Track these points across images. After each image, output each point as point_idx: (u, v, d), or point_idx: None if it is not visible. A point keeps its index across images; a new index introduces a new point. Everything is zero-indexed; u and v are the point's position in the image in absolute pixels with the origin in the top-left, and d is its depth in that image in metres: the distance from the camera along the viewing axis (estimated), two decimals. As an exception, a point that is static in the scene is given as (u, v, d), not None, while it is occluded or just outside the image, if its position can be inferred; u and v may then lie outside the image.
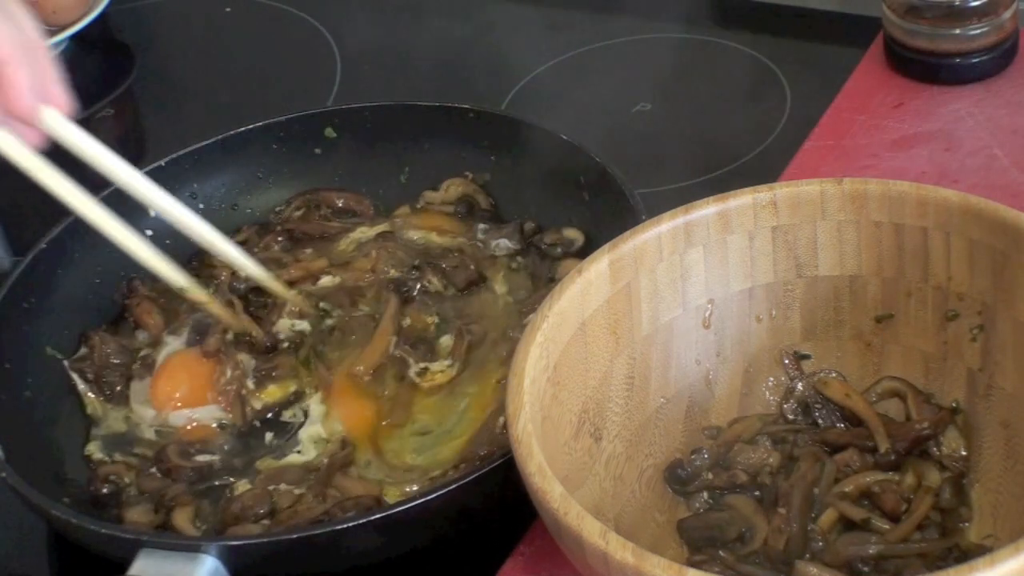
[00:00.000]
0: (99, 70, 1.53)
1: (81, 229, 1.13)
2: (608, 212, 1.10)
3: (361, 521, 0.91)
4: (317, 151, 1.22)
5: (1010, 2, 1.23)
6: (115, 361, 1.10)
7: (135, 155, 1.43)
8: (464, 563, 0.96)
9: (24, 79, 0.90)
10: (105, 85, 1.50)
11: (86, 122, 1.44)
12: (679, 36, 1.42)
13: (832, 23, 1.38)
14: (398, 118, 1.21)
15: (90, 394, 1.09)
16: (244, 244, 1.19)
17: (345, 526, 0.91)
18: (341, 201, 1.21)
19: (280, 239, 1.19)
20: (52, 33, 1.48)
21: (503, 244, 1.15)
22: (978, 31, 1.22)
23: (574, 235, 1.13)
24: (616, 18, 1.45)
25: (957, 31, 1.22)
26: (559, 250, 1.13)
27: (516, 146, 1.18)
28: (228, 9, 1.57)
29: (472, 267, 1.12)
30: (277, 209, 1.22)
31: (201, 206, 1.20)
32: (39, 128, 0.96)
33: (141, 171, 1.16)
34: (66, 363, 1.10)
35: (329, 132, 1.22)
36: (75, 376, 1.09)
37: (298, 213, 1.21)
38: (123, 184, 1.05)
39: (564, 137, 1.15)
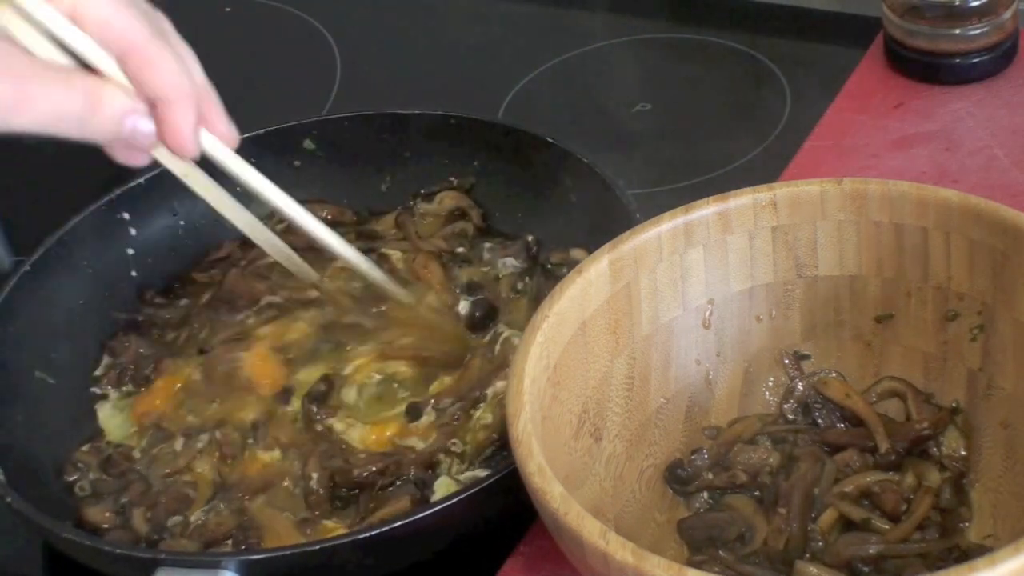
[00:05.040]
0: (99, 70, 1.53)
1: (62, 252, 1.12)
2: (598, 211, 1.09)
3: (384, 529, 0.90)
4: (296, 163, 1.21)
5: (1010, 2, 1.23)
6: (144, 353, 1.10)
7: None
8: (464, 562, 0.96)
9: (189, 121, 0.87)
10: (105, 85, 1.49)
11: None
12: (679, 36, 1.42)
13: (832, 23, 1.38)
14: (377, 128, 1.20)
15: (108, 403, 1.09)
16: (226, 259, 1.18)
17: (367, 535, 0.90)
18: (324, 213, 1.20)
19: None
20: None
21: (509, 263, 1.14)
22: (978, 31, 1.22)
23: (580, 255, 1.11)
24: (616, 18, 1.45)
25: (957, 31, 1.22)
26: (565, 270, 1.11)
27: (500, 150, 1.17)
28: (228, 9, 1.57)
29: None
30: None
31: (182, 223, 1.19)
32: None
33: (122, 189, 1.16)
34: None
35: (308, 144, 1.21)
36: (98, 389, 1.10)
37: (280, 226, 1.20)
38: (282, 208, 1.03)
39: (549, 140, 1.14)
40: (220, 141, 0.93)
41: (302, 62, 1.48)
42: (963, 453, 0.93)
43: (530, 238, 1.14)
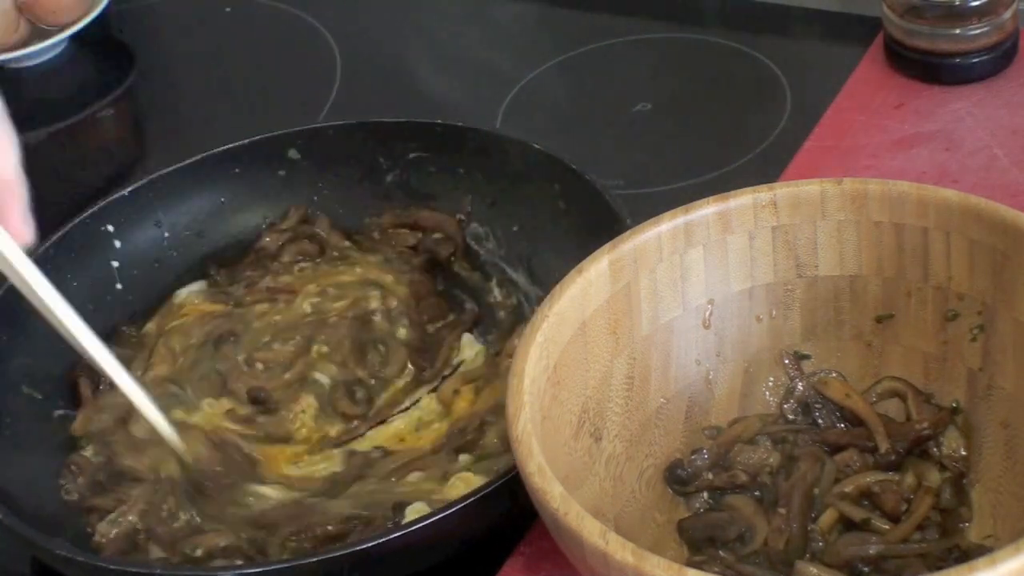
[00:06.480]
0: (99, 70, 1.54)
1: (46, 266, 1.11)
2: (587, 218, 1.08)
3: (380, 541, 0.90)
4: (281, 173, 1.20)
5: (1010, 2, 1.23)
6: None
7: (134, 155, 1.45)
8: (464, 562, 0.96)
9: None
10: (105, 85, 1.50)
11: (86, 122, 1.45)
12: (679, 36, 1.42)
13: (832, 23, 1.38)
14: (363, 136, 1.19)
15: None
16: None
17: (364, 547, 0.90)
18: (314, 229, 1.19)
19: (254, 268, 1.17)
20: (52, 33, 1.48)
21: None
22: (978, 31, 1.22)
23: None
24: (616, 18, 1.45)
25: (957, 31, 1.22)
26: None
27: (486, 158, 1.16)
28: (228, 9, 1.57)
29: None
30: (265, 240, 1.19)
31: (167, 234, 1.18)
32: None
33: (106, 201, 1.15)
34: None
35: (292, 153, 1.20)
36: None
37: (287, 235, 1.19)
38: (73, 336, 0.99)
39: (536, 146, 1.13)
40: (11, 237, 0.92)
41: (302, 62, 1.48)
42: (963, 453, 0.93)
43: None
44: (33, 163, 1.32)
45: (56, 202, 1.24)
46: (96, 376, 1.09)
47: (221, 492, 1.01)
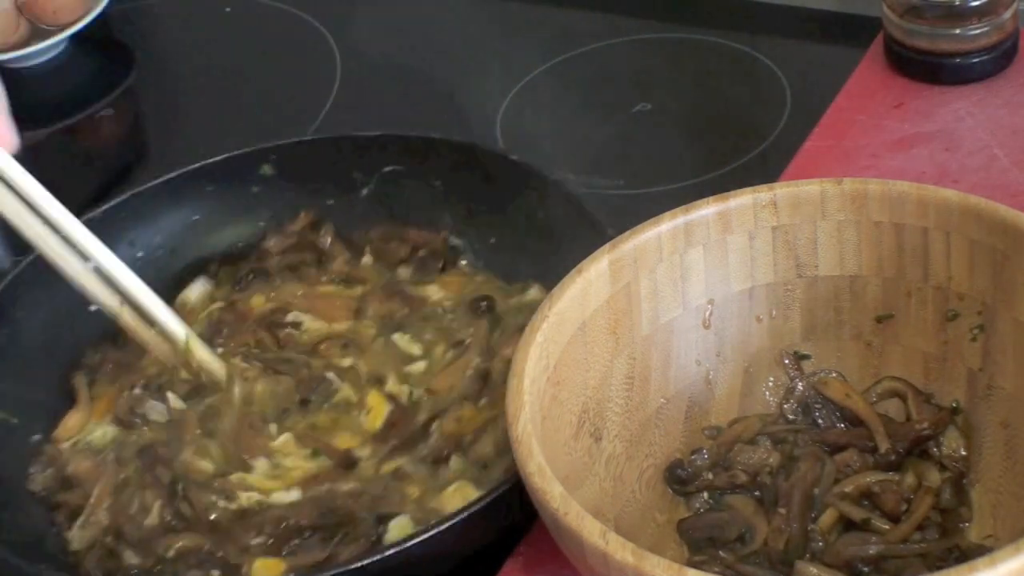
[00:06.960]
0: (99, 70, 1.54)
1: (20, 287, 1.10)
2: (567, 227, 1.07)
3: (381, 557, 0.89)
4: (255, 189, 1.18)
5: (1010, 2, 1.23)
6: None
7: (135, 156, 1.45)
8: (464, 562, 0.96)
9: None
10: (105, 85, 1.50)
11: (86, 122, 1.45)
12: (679, 36, 1.42)
13: (832, 23, 1.38)
14: (338, 151, 1.18)
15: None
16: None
17: (369, 561, 0.89)
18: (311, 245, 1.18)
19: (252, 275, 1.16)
20: (52, 33, 1.48)
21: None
22: (978, 31, 1.22)
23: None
24: (616, 18, 1.45)
25: (957, 31, 1.22)
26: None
27: (466, 171, 1.15)
28: (228, 9, 1.57)
29: None
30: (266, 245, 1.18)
31: (140, 254, 1.16)
32: None
33: (80, 219, 1.11)
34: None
35: (266, 169, 1.18)
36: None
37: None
38: (61, 228, 1.02)
39: (513, 158, 1.12)
40: None
41: (302, 62, 1.48)
42: (963, 453, 0.93)
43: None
44: (33, 163, 1.33)
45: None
46: (93, 375, 1.10)
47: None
